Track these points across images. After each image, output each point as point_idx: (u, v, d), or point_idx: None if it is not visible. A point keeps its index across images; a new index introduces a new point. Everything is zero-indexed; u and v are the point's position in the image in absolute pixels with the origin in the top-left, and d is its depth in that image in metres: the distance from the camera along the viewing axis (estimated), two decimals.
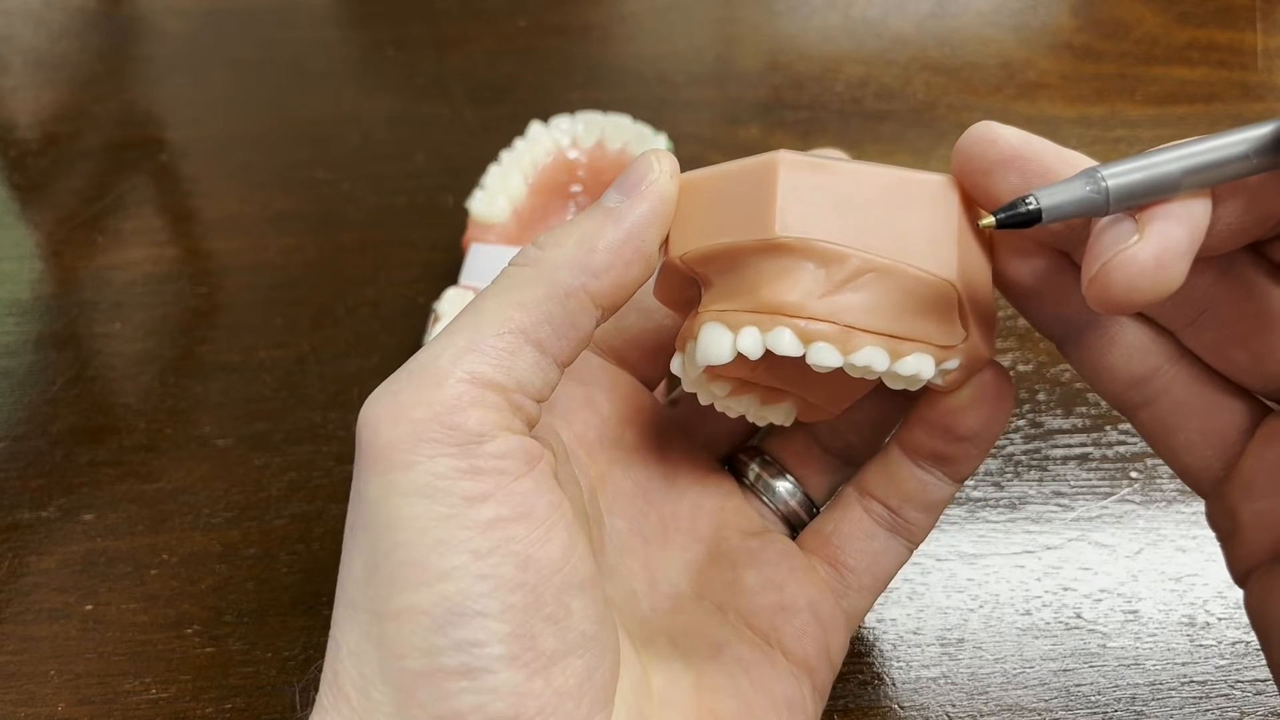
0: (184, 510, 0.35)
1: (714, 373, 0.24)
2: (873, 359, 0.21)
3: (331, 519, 0.34)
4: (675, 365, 0.23)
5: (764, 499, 0.28)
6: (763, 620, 0.25)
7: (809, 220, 0.21)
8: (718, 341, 0.21)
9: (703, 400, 0.25)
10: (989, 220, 0.19)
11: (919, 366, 0.21)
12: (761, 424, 0.26)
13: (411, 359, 0.20)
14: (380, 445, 0.19)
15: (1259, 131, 0.19)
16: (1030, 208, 0.19)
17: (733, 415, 0.26)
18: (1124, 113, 0.47)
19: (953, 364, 0.22)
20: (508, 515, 0.20)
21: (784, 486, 0.28)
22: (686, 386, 0.24)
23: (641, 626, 0.24)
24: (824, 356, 0.21)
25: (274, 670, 0.31)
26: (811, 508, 0.28)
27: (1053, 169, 0.20)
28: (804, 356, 0.21)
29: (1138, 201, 0.19)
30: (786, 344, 0.21)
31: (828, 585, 0.26)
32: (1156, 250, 0.18)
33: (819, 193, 0.21)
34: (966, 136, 0.21)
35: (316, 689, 0.20)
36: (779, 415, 0.26)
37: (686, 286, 0.23)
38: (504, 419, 0.20)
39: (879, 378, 0.22)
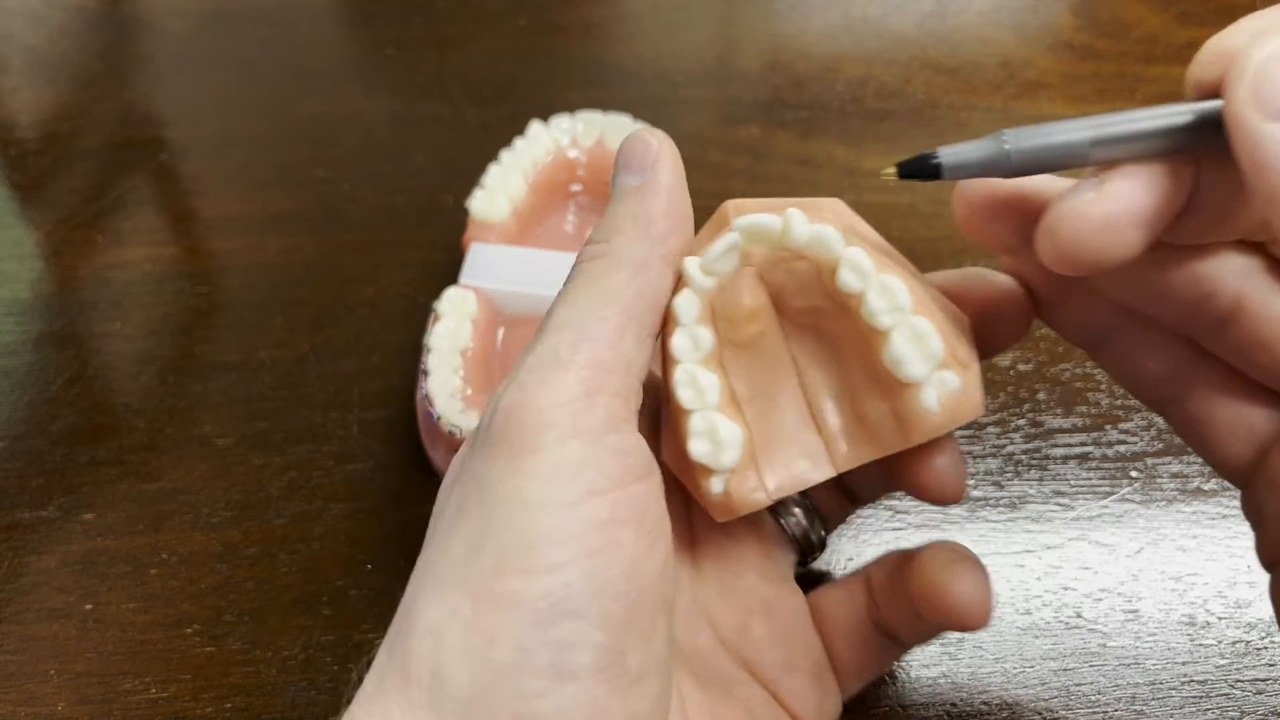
0: (184, 510, 0.35)
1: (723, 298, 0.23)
2: (895, 287, 0.21)
3: (331, 519, 0.34)
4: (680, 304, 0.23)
5: (780, 520, 0.28)
6: (766, 673, 0.26)
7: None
8: (762, 219, 0.22)
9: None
10: (890, 170, 0.20)
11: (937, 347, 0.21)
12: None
13: (526, 354, 0.21)
14: (510, 430, 0.20)
15: (1178, 111, 0.19)
16: (932, 162, 0.20)
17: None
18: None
19: (955, 382, 0.21)
20: (622, 517, 0.19)
21: (797, 513, 0.28)
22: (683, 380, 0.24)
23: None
24: (860, 261, 0.21)
25: (274, 670, 0.31)
26: (822, 532, 0.28)
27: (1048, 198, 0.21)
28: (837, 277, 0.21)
29: (1044, 168, 0.19)
30: (830, 237, 0.21)
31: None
32: (1106, 210, 0.18)
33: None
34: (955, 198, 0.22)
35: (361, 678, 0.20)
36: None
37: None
38: (624, 410, 0.20)
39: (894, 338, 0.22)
